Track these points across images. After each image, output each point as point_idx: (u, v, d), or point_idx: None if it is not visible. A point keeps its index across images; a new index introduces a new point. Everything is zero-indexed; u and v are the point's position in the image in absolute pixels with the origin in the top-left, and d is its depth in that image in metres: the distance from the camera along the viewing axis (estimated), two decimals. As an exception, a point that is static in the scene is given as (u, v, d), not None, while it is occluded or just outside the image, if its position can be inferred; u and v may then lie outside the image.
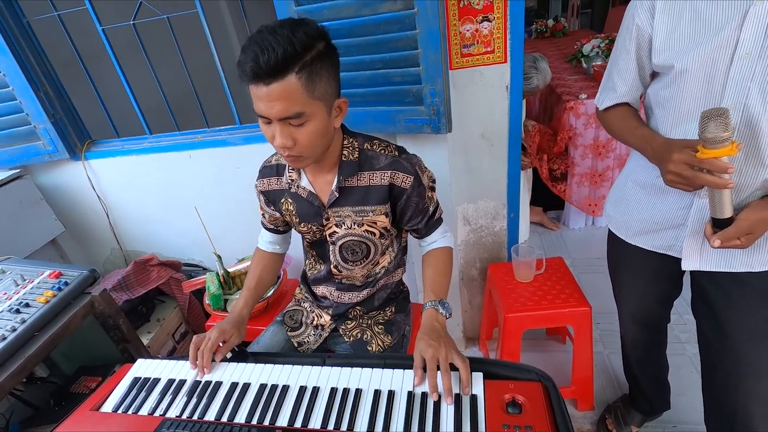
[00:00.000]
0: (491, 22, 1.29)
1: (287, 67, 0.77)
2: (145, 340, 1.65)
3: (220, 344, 1.00)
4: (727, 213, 0.82)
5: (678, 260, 1.01)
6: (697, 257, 0.98)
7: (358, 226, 1.03)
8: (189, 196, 1.79)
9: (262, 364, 0.98)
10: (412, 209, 1.04)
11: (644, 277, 1.18)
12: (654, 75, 0.99)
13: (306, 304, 1.27)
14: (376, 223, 1.03)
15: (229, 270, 1.64)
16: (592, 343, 1.47)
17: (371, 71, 1.31)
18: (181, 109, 1.82)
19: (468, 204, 1.64)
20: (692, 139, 0.82)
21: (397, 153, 1.01)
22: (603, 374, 1.76)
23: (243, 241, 1.78)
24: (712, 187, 0.79)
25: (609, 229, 1.20)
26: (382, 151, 1.00)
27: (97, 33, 1.58)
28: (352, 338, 1.19)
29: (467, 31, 1.31)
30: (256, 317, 1.56)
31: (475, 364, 0.86)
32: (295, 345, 1.24)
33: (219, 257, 1.60)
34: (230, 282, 1.63)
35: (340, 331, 1.21)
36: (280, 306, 1.64)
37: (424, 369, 0.85)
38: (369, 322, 1.20)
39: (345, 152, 0.99)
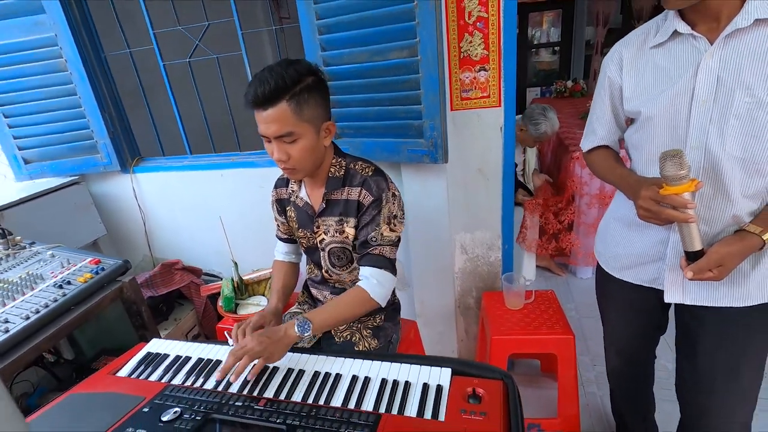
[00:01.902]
0: (487, 71, 1.48)
1: (279, 96, 0.98)
2: (162, 335, 1.81)
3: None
4: (697, 246, 0.87)
5: (662, 293, 1.05)
6: (680, 290, 1.01)
7: (339, 233, 1.19)
8: (216, 210, 2.00)
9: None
10: (361, 226, 1.14)
11: (629, 311, 1.21)
12: (630, 120, 1.10)
13: (305, 306, 1.41)
14: (348, 236, 1.18)
15: (243, 277, 1.80)
16: (576, 372, 1.52)
17: (380, 107, 1.52)
18: (219, 133, 2.09)
19: (465, 233, 1.77)
20: (659, 177, 0.88)
21: (370, 173, 1.15)
22: (594, 414, 1.76)
23: (259, 253, 1.95)
24: (675, 221, 0.86)
25: (597, 263, 1.25)
26: (361, 171, 1.16)
27: (157, 66, 1.89)
28: (341, 339, 1.31)
29: (466, 78, 1.51)
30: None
31: (447, 362, 0.97)
32: (292, 343, 1.36)
33: (236, 264, 1.78)
34: (243, 288, 1.79)
35: (332, 332, 1.34)
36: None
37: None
38: (359, 326, 1.32)
39: (332, 169, 1.17)
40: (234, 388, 0.98)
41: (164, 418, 0.88)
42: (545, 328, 1.52)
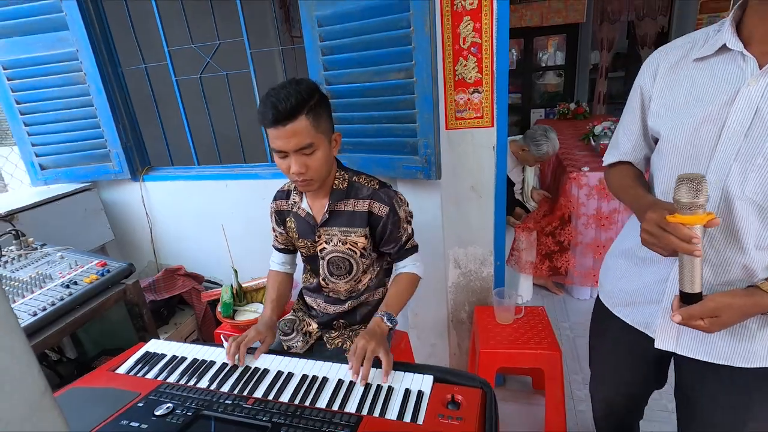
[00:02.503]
0: (481, 93, 1.56)
1: (299, 111, 1.06)
2: (162, 338, 1.86)
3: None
4: (696, 287, 0.76)
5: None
6: (674, 338, 0.91)
7: (342, 244, 1.26)
8: (220, 219, 2.08)
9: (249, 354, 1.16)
10: (387, 235, 1.25)
11: (623, 355, 1.09)
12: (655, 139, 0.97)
13: (299, 314, 1.46)
14: (357, 244, 1.25)
15: (243, 285, 1.86)
16: (563, 388, 1.54)
17: (378, 125, 1.59)
18: (226, 145, 2.18)
19: (459, 248, 1.82)
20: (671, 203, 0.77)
21: (377, 186, 1.25)
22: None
23: (259, 262, 2.00)
24: (677, 249, 0.74)
25: (597, 296, 1.15)
26: (366, 184, 1.25)
27: (170, 81, 1.99)
28: (333, 346, 1.36)
29: (461, 99, 1.58)
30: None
31: (430, 370, 1.01)
32: (285, 348, 1.41)
33: (235, 271, 1.84)
34: (241, 295, 1.85)
35: (325, 339, 1.39)
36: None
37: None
38: (350, 333, 1.37)
39: (336, 182, 1.24)
40: (226, 388, 1.03)
41: (157, 413, 0.93)
42: (533, 343, 1.55)
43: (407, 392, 0.97)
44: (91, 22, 1.93)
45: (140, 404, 0.98)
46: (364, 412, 0.92)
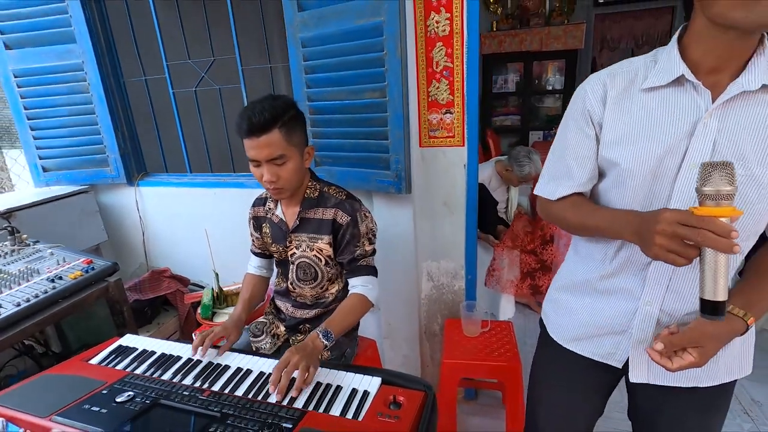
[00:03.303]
0: (452, 114, 1.64)
1: (272, 124, 1.15)
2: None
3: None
4: (720, 295, 0.65)
5: (616, 370, 0.94)
6: (645, 368, 0.89)
7: (309, 250, 1.33)
8: (207, 225, 2.16)
9: (215, 349, 1.23)
10: (344, 245, 1.31)
11: (575, 390, 1.04)
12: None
13: (270, 317, 1.53)
14: (322, 251, 1.33)
15: (224, 288, 1.94)
16: (522, 399, 1.57)
17: (355, 140, 1.69)
18: (217, 154, 2.29)
19: (432, 262, 1.88)
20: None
21: (344, 197, 1.33)
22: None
23: (241, 267, 2.07)
24: (715, 247, 0.63)
25: (542, 331, 1.09)
26: (334, 194, 1.33)
27: (168, 93, 2.11)
28: (298, 348, 1.42)
29: (434, 118, 1.67)
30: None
31: (379, 372, 1.07)
32: (254, 349, 1.48)
33: (216, 274, 1.92)
34: (222, 298, 1.92)
35: (291, 341, 1.45)
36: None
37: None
38: (315, 338, 1.43)
39: (308, 191, 1.33)
40: (188, 381, 1.09)
41: (118, 400, 1.01)
42: (495, 356, 1.60)
43: (354, 392, 1.03)
44: (97, 37, 2.07)
45: (104, 391, 1.05)
46: (311, 407, 0.98)
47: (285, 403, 1.00)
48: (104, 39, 2.10)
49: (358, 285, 1.33)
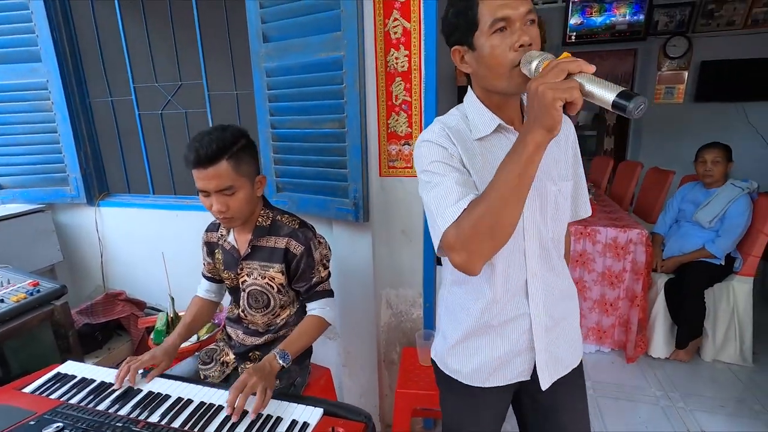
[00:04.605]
0: (410, 146, 1.69)
1: (220, 156, 1.16)
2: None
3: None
4: (614, 89, 0.70)
5: (521, 383, 1.02)
6: (547, 372, 0.99)
7: (261, 278, 1.33)
8: (167, 247, 2.14)
9: (157, 378, 1.20)
10: (300, 274, 1.32)
11: (498, 422, 1.10)
12: None
13: (221, 344, 1.51)
14: (274, 279, 1.33)
15: (179, 313, 1.90)
16: None
17: (316, 168, 1.71)
18: (181, 177, 2.28)
19: (390, 289, 1.89)
20: None
21: (297, 226, 1.34)
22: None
23: (200, 292, 2.07)
24: (579, 67, 0.72)
25: (448, 383, 1.07)
26: (287, 223, 1.34)
27: (134, 115, 2.12)
28: (246, 376, 1.39)
29: (393, 149, 1.71)
30: (187, 352, 1.77)
31: (322, 403, 1.07)
32: (201, 377, 1.44)
33: (172, 299, 1.89)
34: (176, 323, 1.88)
35: (239, 369, 1.43)
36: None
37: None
38: (264, 366, 1.41)
39: (260, 219, 1.34)
40: (124, 411, 1.06)
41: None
42: (449, 386, 1.60)
43: (294, 423, 1.02)
44: (64, 56, 2.07)
45: (32, 422, 1.01)
46: (250, 436, 0.97)
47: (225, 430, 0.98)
48: (71, 59, 2.10)
49: (316, 308, 1.35)
